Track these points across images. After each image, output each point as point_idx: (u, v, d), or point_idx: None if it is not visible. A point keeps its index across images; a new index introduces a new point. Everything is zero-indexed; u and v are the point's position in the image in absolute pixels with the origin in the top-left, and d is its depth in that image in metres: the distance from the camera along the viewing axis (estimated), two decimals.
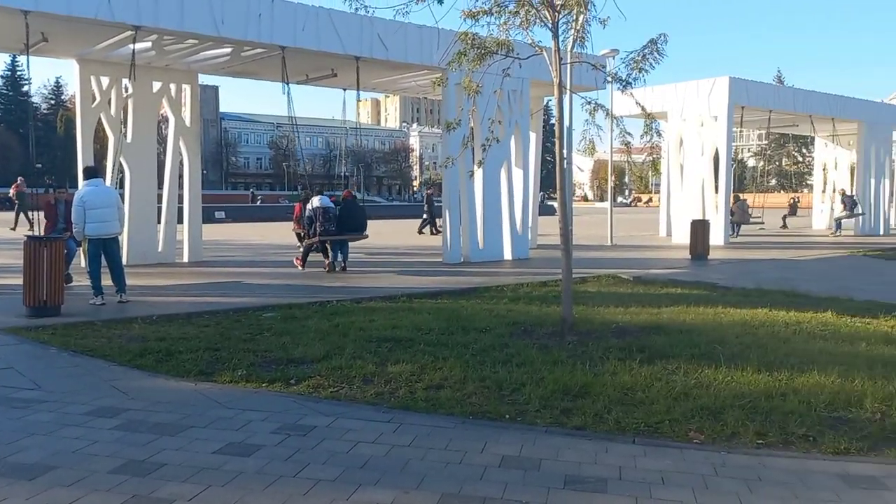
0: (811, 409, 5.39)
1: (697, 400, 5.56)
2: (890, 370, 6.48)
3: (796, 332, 8.33)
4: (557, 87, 8.02)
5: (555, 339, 7.69)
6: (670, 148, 24.38)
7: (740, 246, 22.11)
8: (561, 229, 8.28)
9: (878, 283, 13.72)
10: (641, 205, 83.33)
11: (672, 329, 8.29)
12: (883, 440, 4.86)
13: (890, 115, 28.77)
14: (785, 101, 24.11)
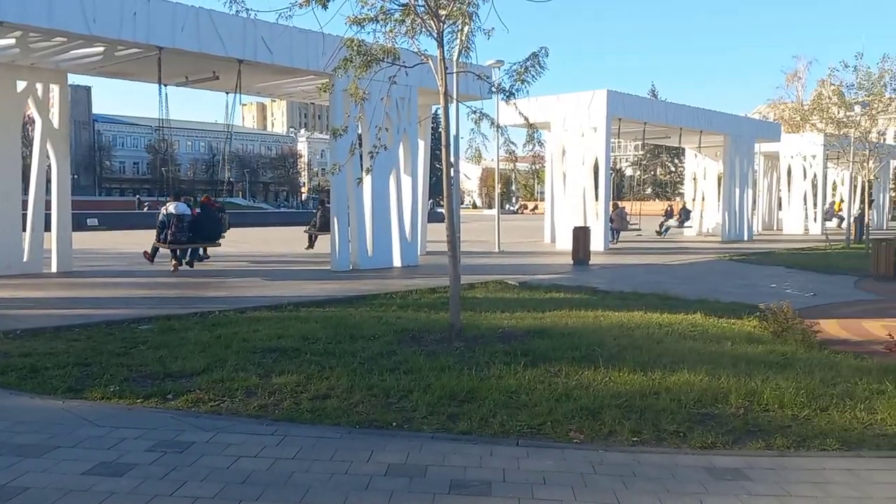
0: (681, 406, 5.70)
1: (578, 401, 5.76)
2: (752, 367, 6.95)
3: (669, 334, 8.78)
4: (444, 96, 8.12)
5: (443, 346, 7.76)
6: (553, 157, 25.19)
7: (619, 251, 23.12)
8: (448, 236, 8.37)
9: (742, 286, 14.70)
10: (528, 212, 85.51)
11: (555, 332, 8.54)
12: (746, 434, 5.20)
13: (751, 128, 30.94)
14: (658, 114, 25.45)
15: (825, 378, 6.62)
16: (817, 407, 5.76)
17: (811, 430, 5.21)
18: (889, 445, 5.00)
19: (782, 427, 5.29)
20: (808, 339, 8.33)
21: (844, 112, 25.37)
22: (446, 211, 8.34)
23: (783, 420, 5.47)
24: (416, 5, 7.73)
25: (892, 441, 5.09)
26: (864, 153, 25.35)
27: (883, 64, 23.66)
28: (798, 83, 28.70)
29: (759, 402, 5.86)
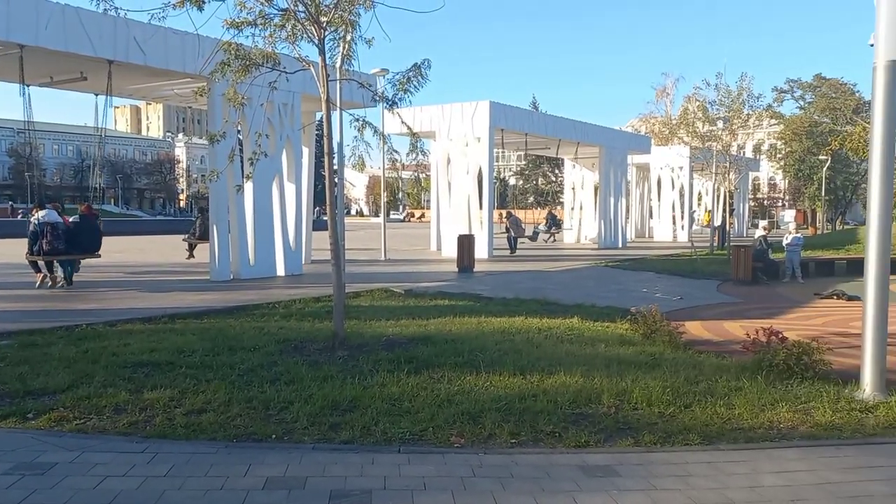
0: (558, 407, 5.91)
1: (459, 405, 5.85)
2: (624, 368, 7.30)
3: (547, 338, 9.08)
4: (325, 103, 8.05)
5: (326, 355, 7.67)
6: (439, 166, 25.48)
7: (501, 259, 23.65)
8: (332, 244, 8.30)
9: (616, 291, 15.40)
10: (415, 220, 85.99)
11: (439, 339, 8.64)
12: (616, 431, 5.46)
13: (624, 141, 32.55)
14: (538, 125, 26.31)
15: (689, 377, 7.05)
16: (682, 404, 6.12)
17: (676, 427, 5.53)
18: (745, 438, 5.38)
19: (650, 424, 5.59)
20: (674, 340, 8.84)
21: (708, 127, 27.13)
22: (329, 218, 8.26)
23: (651, 417, 5.78)
24: (297, 11, 7.64)
25: (748, 434, 5.48)
26: (725, 165, 27.22)
27: (741, 82, 25.53)
28: (667, 99, 30.57)
29: (629, 400, 6.16)
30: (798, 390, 6.64)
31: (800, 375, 7.03)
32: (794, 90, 69.97)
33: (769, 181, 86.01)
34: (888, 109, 6.44)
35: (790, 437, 5.43)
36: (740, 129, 27.68)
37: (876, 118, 6.50)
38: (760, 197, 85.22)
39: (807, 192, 70.32)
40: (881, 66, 6.41)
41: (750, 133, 41.89)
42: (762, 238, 19.87)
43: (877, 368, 6.51)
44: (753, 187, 79.33)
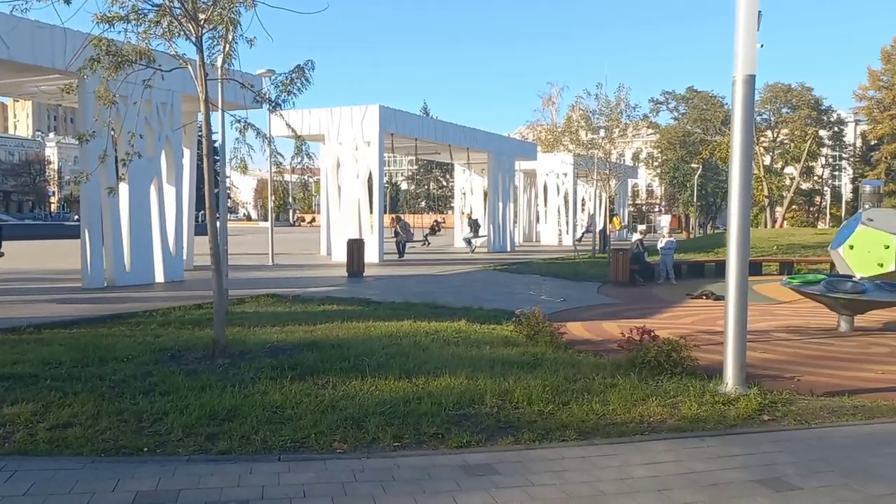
0: (442, 409, 5.97)
1: (343, 411, 5.80)
2: (507, 368, 7.47)
3: (434, 341, 9.16)
4: (204, 103, 7.80)
5: (205, 363, 7.42)
6: (329, 170, 25.20)
7: (392, 263, 23.66)
8: (212, 248, 8.04)
9: (503, 294, 15.75)
10: (305, 224, 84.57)
11: (325, 345, 8.54)
12: (498, 431, 5.57)
13: (511, 147, 33.33)
14: (428, 130, 26.52)
15: (568, 375, 7.29)
16: (560, 402, 6.33)
17: (553, 424, 5.71)
18: (618, 433, 5.63)
19: (530, 422, 5.75)
20: (555, 341, 9.14)
21: (590, 135, 28.25)
22: (209, 222, 8.00)
23: (531, 416, 5.94)
24: (172, 7, 7.36)
25: (621, 429, 5.73)
26: (605, 172, 28.41)
27: (619, 93, 26.75)
28: (552, 107, 31.76)
29: (511, 400, 6.31)
30: (667, 385, 7.01)
31: (669, 371, 7.42)
32: (669, 101, 74.07)
33: (647, 188, 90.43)
34: (746, 120, 6.92)
35: (659, 430, 5.72)
36: (619, 138, 28.97)
37: (735, 129, 6.96)
38: (639, 203, 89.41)
39: (681, 198, 74.39)
40: (739, 79, 6.88)
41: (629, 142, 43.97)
42: (638, 242, 20.88)
43: (737, 363, 6.96)
44: (633, 193, 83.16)
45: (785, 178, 70.70)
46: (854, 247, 16.00)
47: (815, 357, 9.27)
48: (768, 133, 69.85)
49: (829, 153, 72.71)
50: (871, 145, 67.19)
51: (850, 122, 72.83)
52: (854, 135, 73.93)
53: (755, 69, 6.82)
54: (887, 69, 64.05)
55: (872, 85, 65.30)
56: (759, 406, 6.42)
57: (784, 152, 69.86)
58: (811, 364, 8.78)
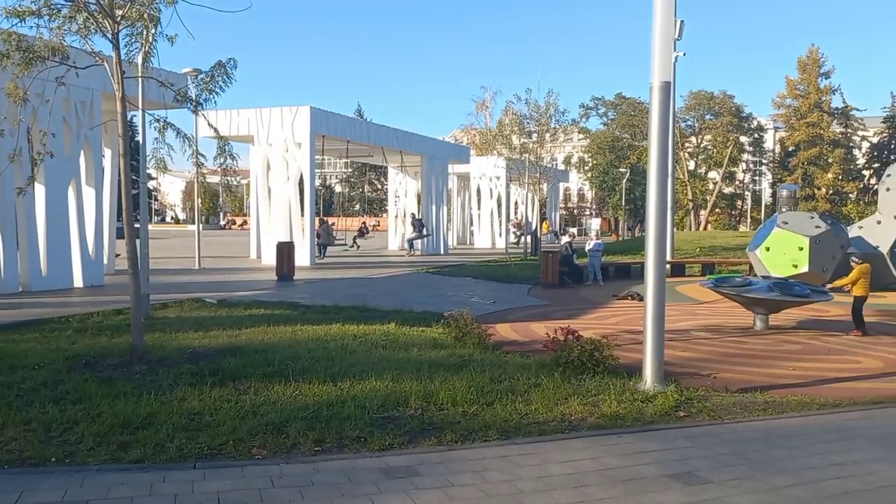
0: (365, 412, 5.94)
1: (264, 416, 5.71)
2: (433, 371, 7.48)
3: (362, 344, 9.11)
4: (121, 101, 7.56)
5: (121, 371, 7.18)
6: (258, 172, 24.76)
7: (325, 266, 23.41)
8: (128, 251, 7.79)
9: (435, 296, 15.78)
10: (236, 227, 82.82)
11: (249, 349, 8.39)
12: (421, 432, 5.58)
13: (445, 150, 33.43)
14: (360, 133, 26.35)
15: (494, 376, 7.37)
16: (485, 402, 6.39)
17: (477, 424, 5.75)
18: (539, 431, 5.71)
19: (453, 423, 5.77)
20: (483, 342, 9.21)
21: (521, 139, 28.58)
22: (126, 224, 7.75)
23: (455, 416, 5.97)
24: (88, 3, 7.11)
25: (542, 427, 5.82)
26: (535, 176, 28.80)
27: (549, 98, 27.19)
28: (486, 111, 31.95)
29: (436, 401, 6.33)
30: (590, 384, 7.16)
31: (592, 370, 7.58)
32: (599, 107, 75.71)
33: (578, 192, 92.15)
34: (662, 125, 7.14)
35: (579, 428, 5.84)
36: (549, 142, 29.43)
37: (652, 133, 7.17)
38: (571, 206, 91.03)
39: (610, 202, 76.08)
40: (656, 86, 7.09)
41: (560, 146, 44.77)
42: (568, 244, 21.26)
43: (656, 362, 7.17)
44: (565, 197, 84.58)
45: (708, 183, 73.11)
46: (770, 249, 16.73)
47: (731, 355, 9.62)
48: (693, 139, 72.12)
49: (750, 159, 75.52)
50: (789, 151, 70.16)
51: (769, 129, 75.81)
52: (773, 141, 77.02)
53: (671, 76, 7.06)
54: (803, 78, 67.08)
55: (790, 93, 68.27)
56: (675, 403, 6.63)
57: (707, 157, 72.24)
58: (727, 361, 9.10)
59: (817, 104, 66.25)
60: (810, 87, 66.46)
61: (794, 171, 67.34)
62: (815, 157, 66.14)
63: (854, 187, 67.41)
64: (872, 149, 69.93)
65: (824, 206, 61.34)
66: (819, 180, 66.92)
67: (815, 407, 6.77)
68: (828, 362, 9.19)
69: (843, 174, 67.16)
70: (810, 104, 66.18)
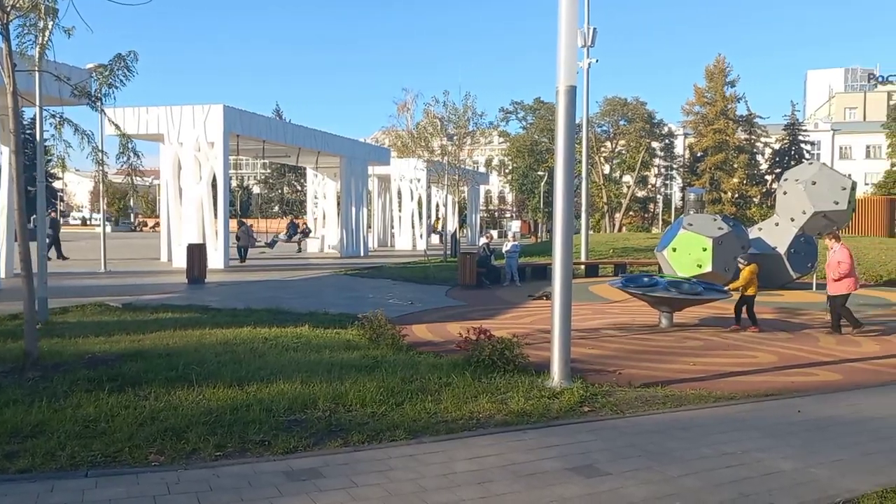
0: (271, 415, 5.84)
1: (164, 422, 5.53)
2: (345, 372, 7.43)
3: (273, 347, 8.95)
4: (13, 96, 7.18)
5: (13, 377, 6.83)
6: (169, 171, 24.02)
7: (239, 269, 22.91)
8: (21, 252, 7.41)
9: (351, 298, 15.66)
10: (147, 229, 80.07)
11: (152, 354, 8.12)
12: (328, 434, 5.53)
13: (364, 152, 33.27)
14: (277, 133, 25.93)
15: (406, 376, 7.37)
16: (394, 402, 6.38)
17: (385, 424, 5.74)
18: (447, 430, 5.75)
19: (361, 424, 5.75)
20: (397, 343, 9.21)
21: (440, 142, 28.75)
22: (18, 224, 7.38)
23: (363, 417, 5.94)
24: None
25: (450, 426, 5.86)
26: (454, 178, 29.02)
27: (466, 101, 27.47)
28: (407, 113, 31.89)
29: (344, 403, 6.29)
30: (499, 382, 7.25)
31: (503, 369, 7.69)
32: (518, 111, 76.95)
33: (499, 194, 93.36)
34: (568, 128, 7.31)
35: (487, 426, 5.91)
36: (467, 145, 29.70)
37: (559, 135, 7.33)
38: (492, 208, 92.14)
39: (530, 205, 77.42)
40: (562, 90, 7.26)
41: (479, 148, 45.20)
42: (485, 245, 21.50)
43: (562, 359, 7.32)
44: (486, 200, 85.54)
45: (623, 186, 75.36)
46: (676, 249, 17.38)
47: (637, 351, 9.94)
48: (608, 144, 74.21)
49: (661, 163, 78.28)
50: (698, 156, 73.13)
51: (679, 135, 78.84)
52: (683, 146, 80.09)
53: (576, 81, 7.23)
54: (710, 87, 70.09)
55: (698, 101, 71.24)
56: (581, 398, 6.79)
57: (622, 162, 74.50)
58: (633, 358, 9.39)
59: (723, 112, 69.36)
60: (717, 95, 69.52)
61: (702, 176, 70.23)
62: (721, 162, 69.21)
63: (758, 191, 70.86)
64: (774, 155, 73.78)
65: (730, 210, 64.26)
66: (725, 184, 70.04)
67: (711, 400, 7.06)
68: (726, 357, 9.61)
69: (747, 179, 70.53)
70: (717, 111, 69.22)
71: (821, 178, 18.18)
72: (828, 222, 18.69)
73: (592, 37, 23.68)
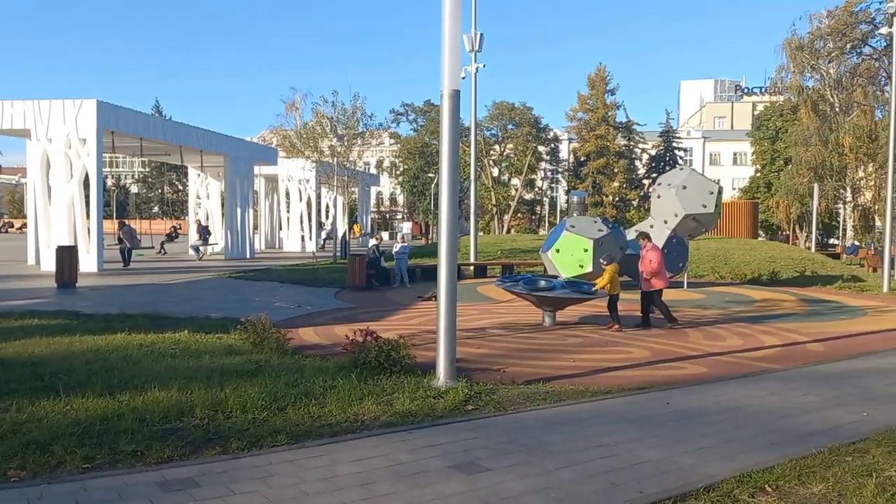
0: (145, 425, 5.61)
1: (27, 435, 5.20)
2: (226, 378, 7.23)
3: (149, 353, 8.59)
4: None
5: None
6: (36, 169, 22.49)
7: (116, 273, 21.76)
8: None
9: (236, 301, 15.22)
10: (14, 230, 74.66)
11: (16, 363, 7.62)
12: (206, 442, 5.36)
13: (250, 151, 32.36)
14: (156, 130, 24.80)
15: (290, 380, 7.26)
16: (276, 407, 6.28)
17: (266, 430, 5.63)
18: (330, 433, 5.71)
19: (241, 431, 5.61)
20: (281, 347, 9.04)
21: (329, 142, 28.38)
22: None
23: (243, 424, 5.81)
24: None
25: (334, 429, 5.82)
26: (344, 179, 28.76)
27: (355, 101, 27.30)
28: (296, 112, 31.17)
29: (224, 409, 6.12)
30: (385, 384, 7.28)
31: (389, 370, 7.71)
32: (409, 113, 77.28)
33: (391, 196, 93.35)
34: (452, 130, 7.44)
35: (371, 427, 5.91)
36: (357, 146, 29.51)
37: (443, 137, 7.45)
38: (383, 210, 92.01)
39: (421, 206, 77.86)
40: (447, 94, 7.37)
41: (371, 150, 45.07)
42: (375, 247, 21.46)
43: (448, 359, 7.43)
44: (377, 201, 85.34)
45: (511, 189, 77.14)
46: (560, 250, 17.97)
47: (521, 349, 10.22)
48: (496, 147, 75.76)
49: (547, 167, 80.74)
50: (581, 161, 75.99)
51: (563, 140, 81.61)
52: (567, 151, 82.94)
53: (459, 85, 7.37)
54: (592, 94, 72.99)
55: (581, 107, 74.06)
56: (465, 397, 6.91)
57: (510, 165, 76.25)
58: (517, 356, 9.65)
59: (604, 118, 72.41)
60: (598, 102, 72.50)
61: (585, 179, 73.00)
62: (603, 166, 72.20)
63: (636, 195, 74.37)
64: (651, 160, 77.74)
65: (611, 212, 67.16)
66: (607, 188, 73.09)
67: (589, 395, 7.36)
68: (604, 353, 10.04)
69: (626, 183, 73.91)
70: (598, 118, 72.19)
71: (690, 183, 19.31)
72: (697, 224, 19.90)
73: (480, 42, 24.10)
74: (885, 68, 35.93)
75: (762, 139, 67.89)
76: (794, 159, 46.89)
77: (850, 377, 8.59)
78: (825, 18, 38.54)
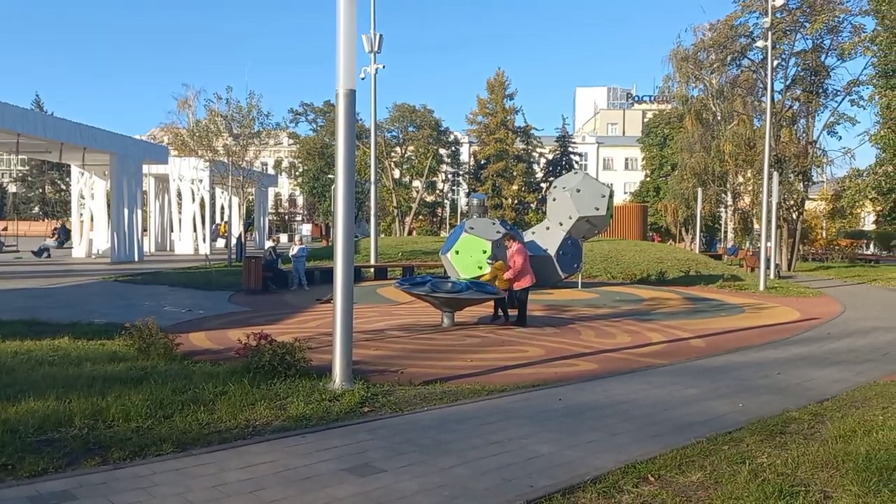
0: (17, 436, 5.25)
1: None
2: (108, 386, 6.87)
3: (24, 361, 8.07)
4: None
5: None
6: None
7: None
8: None
9: (122, 306, 14.53)
10: None
11: None
12: (85, 453, 5.08)
13: (138, 149, 30.96)
14: (34, 126, 23.34)
15: (177, 387, 6.97)
16: (162, 415, 6.02)
17: (150, 439, 5.39)
18: (219, 440, 5.52)
19: (123, 440, 5.34)
20: (169, 353, 8.70)
21: (223, 141, 27.56)
22: None
23: (126, 433, 5.53)
24: None
25: (223, 436, 5.64)
26: (239, 179, 27.99)
27: (251, 99, 26.65)
28: (189, 110, 29.95)
29: (105, 419, 5.81)
30: (280, 388, 7.12)
31: (283, 374, 7.55)
32: (308, 113, 76.10)
33: (289, 197, 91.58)
34: (348, 130, 7.37)
35: (263, 433, 5.76)
36: (253, 146, 28.79)
37: (340, 137, 7.36)
38: (282, 211, 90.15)
39: (321, 208, 76.84)
40: (342, 93, 7.29)
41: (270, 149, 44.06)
42: (271, 249, 21.00)
43: (344, 361, 7.34)
44: (275, 202, 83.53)
45: (412, 191, 77.33)
46: (459, 252, 18.17)
47: (420, 350, 10.24)
48: (398, 149, 75.76)
49: (448, 170, 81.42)
50: (481, 164, 77.05)
51: (464, 143, 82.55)
52: (468, 154, 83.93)
53: (355, 84, 7.30)
54: (492, 98, 74.16)
55: (481, 111, 75.09)
56: (361, 399, 6.86)
57: (411, 167, 76.42)
58: (415, 357, 9.67)
59: (503, 122, 73.71)
60: (497, 106, 73.74)
61: (485, 182, 74.08)
62: (502, 169, 73.48)
63: (534, 198, 76.12)
64: (548, 164, 79.78)
65: (510, 215, 68.46)
66: (506, 191, 74.44)
67: (485, 393, 7.45)
68: (500, 352, 10.21)
69: (525, 186, 75.53)
70: (497, 122, 73.43)
71: (584, 187, 19.96)
72: (591, 226, 20.58)
73: (379, 43, 24.01)
74: (761, 80, 38.26)
75: (651, 145, 70.97)
76: (679, 165, 49.22)
77: (728, 370, 9.10)
78: (708, 31, 40.64)
